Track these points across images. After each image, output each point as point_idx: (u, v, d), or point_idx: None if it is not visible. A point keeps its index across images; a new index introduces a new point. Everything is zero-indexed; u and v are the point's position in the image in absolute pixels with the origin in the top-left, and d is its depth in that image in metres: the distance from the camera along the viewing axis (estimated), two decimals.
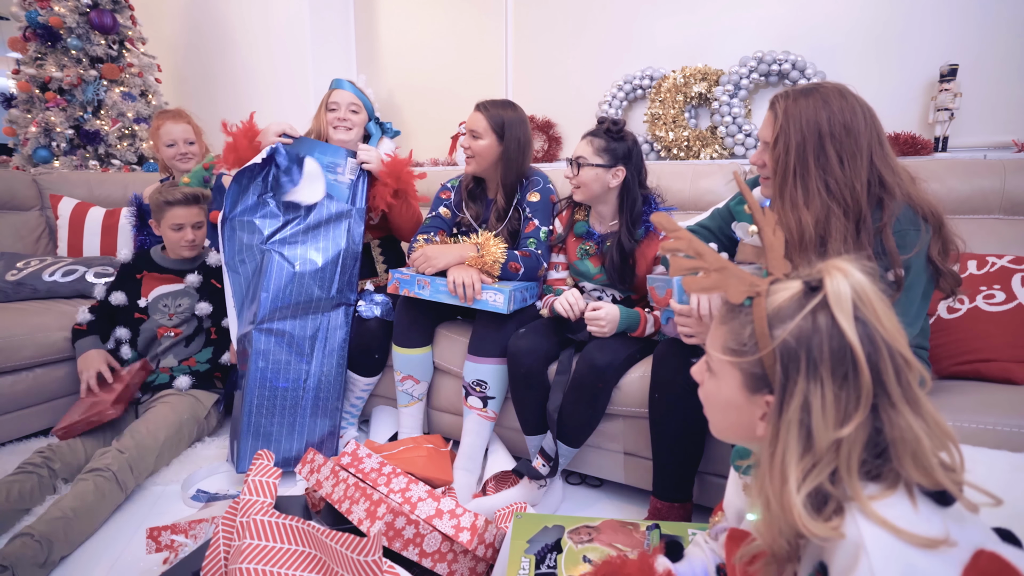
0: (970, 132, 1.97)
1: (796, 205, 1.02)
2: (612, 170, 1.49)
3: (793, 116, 1.02)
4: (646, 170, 1.57)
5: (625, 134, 1.51)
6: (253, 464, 1.15)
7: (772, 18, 2.28)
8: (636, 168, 1.51)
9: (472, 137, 1.70)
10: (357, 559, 0.86)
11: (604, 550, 1.01)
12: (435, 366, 1.76)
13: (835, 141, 1.00)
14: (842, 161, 1.00)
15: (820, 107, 1.01)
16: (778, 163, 1.05)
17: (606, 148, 1.49)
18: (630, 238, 1.51)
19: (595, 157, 1.49)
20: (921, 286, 1.04)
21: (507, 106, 1.72)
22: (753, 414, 0.60)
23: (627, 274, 1.53)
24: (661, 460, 1.31)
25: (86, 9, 3.04)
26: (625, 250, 1.51)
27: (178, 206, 1.77)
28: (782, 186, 1.05)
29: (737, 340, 0.60)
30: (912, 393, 0.53)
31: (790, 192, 1.03)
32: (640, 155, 1.53)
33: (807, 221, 1.00)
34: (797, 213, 1.02)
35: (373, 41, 3.44)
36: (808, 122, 1.01)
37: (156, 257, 1.85)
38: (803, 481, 0.52)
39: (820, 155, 1.01)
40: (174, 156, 2.05)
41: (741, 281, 0.60)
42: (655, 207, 1.54)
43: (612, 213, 1.56)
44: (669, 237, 0.69)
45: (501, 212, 1.76)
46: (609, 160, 1.48)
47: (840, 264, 0.55)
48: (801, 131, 1.01)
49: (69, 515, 1.26)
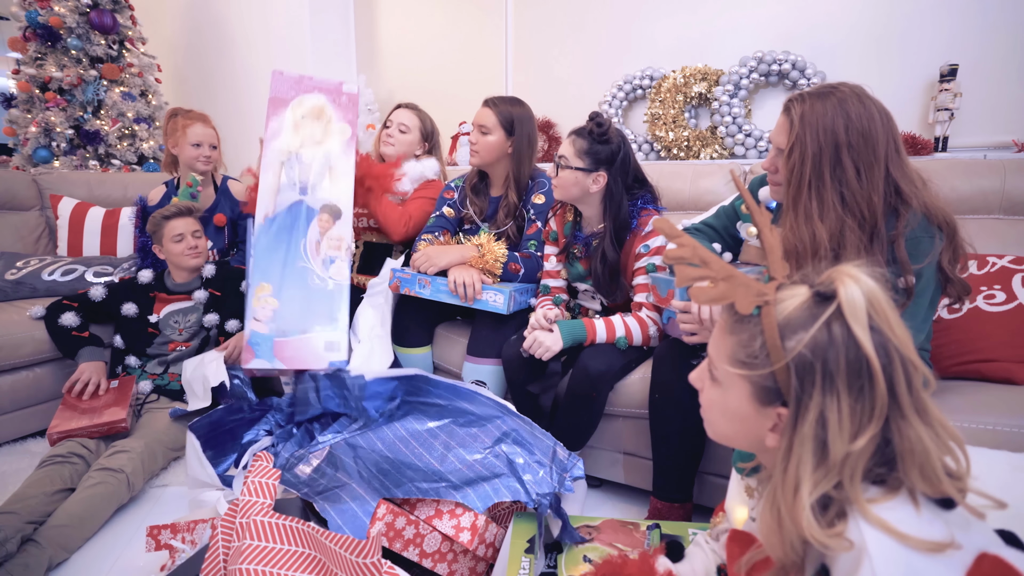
0: (970, 132, 1.97)
1: (810, 217, 0.99)
2: (592, 175, 1.39)
3: (810, 123, 0.98)
4: (640, 170, 1.47)
5: (610, 136, 1.39)
6: (252, 465, 1.15)
7: (772, 18, 2.28)
8: (622, 172, 1.41)
9: (480, 133, 1.70)
10: (357, 560, 0.86)
11: (604, 550, 1.01)
12: (435, 366, 1.76)
13: (852, 151, 0.96)
14: (859, 172, 0.97)
15: (837, 114, 0.97)
16: (792, 173, 1.01)
17: (588, 151, 1.39)
18: (614, 248, 1.43)
19: (575, 159, 1.40)
20: (929, 294, 1.02)
21: (516, 103, 1.73)
22: (762, 426, 0.58)
23: (614, 284, 1.46)
24: (661, 460, 1.30)
25: (86, 9, 3.04)
26: (609, 260, 1.43)
27: (175, 219, 1.81)
28: (796, 197, 1.01)
29: (747, 352, 0.57)
30: (921, 401, 0.52)
31: (804, 204, 0.99)
32: (628, 157, 1.41)
33: (821, 235, 0.97)
34: (811, 226, 0.98)
35: (373, 41, 3.44)
36: (825, 130, 0.97)
37: (168, 283, 1.88)
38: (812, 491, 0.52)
39: (836, 166, 0.97)
40: (198, 157, 2.05)
41: (749, 290, 0.58)
42: (641, 206, 1.44)
43: (597, 217, 1.48)
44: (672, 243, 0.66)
45: (512, 208, 1.75)
46: (590, 164, 1.39)
47: (851, 271, 0.53)
48: (818, 140, 0.97)
49: (75, 523, 1.27)
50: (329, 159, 1.63)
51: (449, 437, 1.25)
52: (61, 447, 1.45)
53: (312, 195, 1.59)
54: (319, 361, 1.50)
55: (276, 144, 1.59)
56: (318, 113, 1.64)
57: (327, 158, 1.63)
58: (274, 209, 1.56)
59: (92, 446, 1.49)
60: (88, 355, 1.73)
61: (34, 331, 1.80)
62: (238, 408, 1.50)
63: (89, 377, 1.66)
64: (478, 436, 1.24)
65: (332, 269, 1.58)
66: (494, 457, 1.19)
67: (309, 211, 1.58)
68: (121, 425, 1.55)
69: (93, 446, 1.50)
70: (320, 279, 1.57)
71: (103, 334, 1.84)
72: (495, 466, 1.17)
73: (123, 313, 1.80)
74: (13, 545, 1.16)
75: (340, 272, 1.58)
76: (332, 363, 1.51)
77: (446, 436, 1.26)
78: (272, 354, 1.47)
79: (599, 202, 1.45)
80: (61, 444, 1.47)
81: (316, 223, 1.58)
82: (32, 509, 1.25)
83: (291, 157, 1.60)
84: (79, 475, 1.40)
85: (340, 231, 1.60)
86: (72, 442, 1.47)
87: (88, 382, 1.65)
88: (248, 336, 1.48)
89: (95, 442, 1.51)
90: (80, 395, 1.64)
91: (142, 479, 1.47)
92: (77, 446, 1.46)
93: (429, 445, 1.23)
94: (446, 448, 1.22)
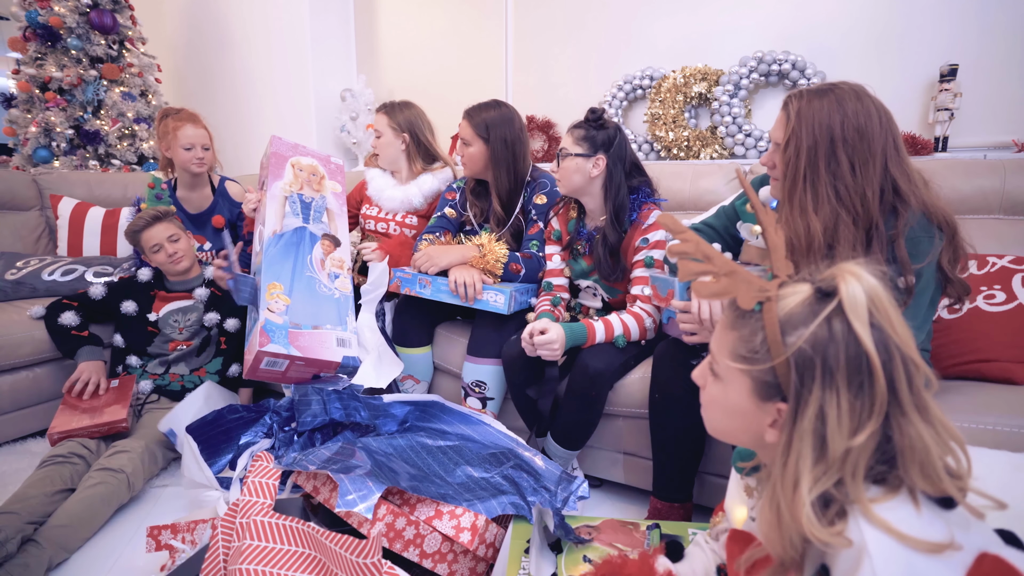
0: (970, 132, 1.97)
1: (805, 210, 1.00)
2: (592, 159, 1.44)
3: (806, 118, 1.00)
4: (637, 162, 1.50)
5: (606, 122, 1.45)
6: (253, 465, 1.15)
7: (772, 18, 2.27)
8: (619, 156, 1.44)
9: (463, 145, 1.71)
10: (357, 560, 0.86)
11: (604, 550, 1.01)
12: (435, 366, 1.76)
13: (848, 146, 0.97)
14: (854, 167, 0.98)
15: (834, 110, 0.98)
16: (788, 166, 1.02)
17: (585, 136, 1.44)
18: (615, 230, 1.46)
19: (574, 146, 1.45)
20: (929, 293, 1.03)
21: (491, 107, 1.70)
22: (762, 421, 0.59)
23: (616, 268, 1.49)
24: (661, 460, 1.30)
25: (86, 9, 3.04)
26: (610, 242, 1.46)
27: (145, 230, 1.79)
28: (791, 190, 1.02)
29: (747, 347, 0.58)
30: (921, 399, 0.53)
31: (799, 197, 1.01)
32: (624, 143, 1.46)
33: (816, 228, 0.98)
34: (806, 219, 0.99)
35: (373, 42, 3.44)
36: (821, 125, 0.98)
37: (167, 281, 1.87)
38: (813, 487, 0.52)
39: (831, 160, 0.98)
40: (190, 159, 2.04)
41: (751, 286, 0.59)
42: (644, 198, 1.48)
43: (599, 208, 1.51)
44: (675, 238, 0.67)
45: (500, 218, 1.75)
46: (588, 149, 1.43)
47: (852, 268, 0.54)
48: (813, 134, 0.99)
49: (76, 523, 1.27)
50: (326, 203, 1.81)
51: (458, 455, 1.26)
52: (61, 447, 1.45)
53: (314, 225, 1.73)
54: (333, 354, 1.53)
55: (280, 183, 1.73)
56: (313, 170, 1.83)
57: (324, 201, 1.80)
58: (281, 229, 1.66)
59: (92, 446, 1.49)
60: (87, 355, 1.72)
61: (34, 331, 1.80)
62: (235, 408, 1.50)
63: (89, 377, 1.66)
64: (487, 459, 1.25)
65: (337, 282, 1.67)
66: (501, 478, 1.20)
67: (312, 236, 1.71)
68: (121, 425, 1.55)
69: (93, 446, 1.50)
70: (327, 288, 1.64)
71: (103, 334, 1.84)
72: (502, 485, 1.18)
73: (123, 311, 1.79)
74: (13, 545, 1.16)
75: (344, 285, 1.69)
76: (345, 358, 1.54)
77: (455, 453, 1.26)
78: (287, 341, 1.48)
79: (600, 189, 1.48)
80: (61, 444, 1.47)
81: (319, 246, 1.70)
82: (32, 509, 1.25)
83: (293, 194, 1.74)
84: (79, 475, 1.40)
85: (341, 254, 1.73)
86: (72, 442, 1.47)
87: (88, 382, 1.65)
88: (263, 323, 1.49)
89: (95, 442, 1.51)
90: (80, 395, 1.64)
91: (142, 479, 1.47)
92: (77, 446, 1.46)
93: (438, 458, 1.24)
94: (455, 464, 1.23)
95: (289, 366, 1.50)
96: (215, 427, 1.46)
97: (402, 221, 1.94)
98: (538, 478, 1.21)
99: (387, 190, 1.94)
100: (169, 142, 2.03)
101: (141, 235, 1.79)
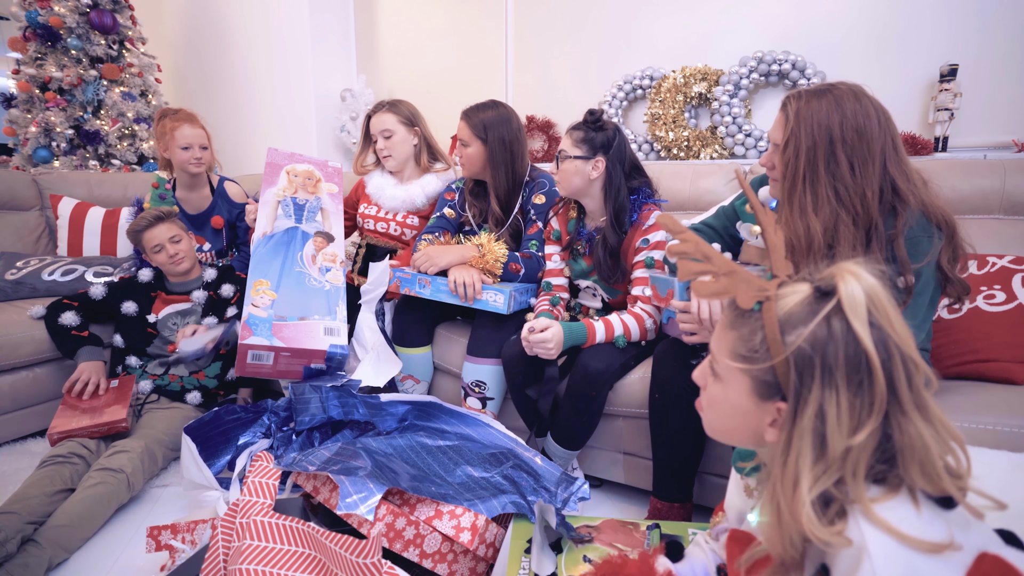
0: (970, 132, 1.97)
1: (804, 211, 1.00)
2: (592, 161, 1.43)
3: (804, 119, 1.00)
4: (637, 163, 1.50)
5: (605, 123, 1.44)
6: (252, 465, 1.15)
7: (772, 18, 2.27)
8: (618, 158, 1.44)
9: (462, 146, 1.71)
10: (357, 560, 0.86)
11: (604, 550, 1.01)
12: (435, 366, 1.76)
13: (847, 147, 0.97)
14: (853, 168, 0.98)
15: (833, 110, 0.98)
16: (787, 167, 1.02)
17: (584, 139, 1.44)
18: (615, 231, 1.46)
19: (574, 149, 1.44)
20: (929, 293, 1.03)
21: (488, 107, 1.69)
22: (762, 420, 0.59)
23: (616, 271, 1.49)
24: (661, 460, 1.30)
25: (86, 9, 3.04)
26: (610, 245, 1.46)
27: (147, 230, 1.79)
28: (791, 191, 1.02)
29: (747, 346, 0.58)
30: (921, 398, 0.53)
31: (799, 197, 1.01)
32: (623, 144, 1.46)
33: (815, 228, 0.98)
34: (806, 219, 1.00)
35: (373, 41, 3.44)
36: (820, 126, 0.98)
37: (167, 283, 1.88)
38: (812, 486, 0.52)
39: (831, 161, 0.98)
40: (188, 160, 2.03)
41: (750, 286, 0.59)
42: (644, 199, 1.47)
43: (600, 209, 1.51)
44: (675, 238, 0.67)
45: (499, 218, 1.75)
46: (587, 151, 1.43)
47: (851, 267, 0.54)
48: (812, 135, 0.99)
49: (76, 523, 1.27)
50: (321, 203, 1.83)
51: (458, 455, 1.26)
52: (61, 447, 1.45)
53: (307, 225, 1.77)
54: (319, 342, 1.53)
55: (273, 189, 1.77)
56: (308, 174, 1.87)
57: (319, 202, 1.83)
58: (272, 230, 1.69)
59: (92, 446, 1.49)
60: (87, 355, 1.72)
61: (34, 331, 1.80)
62: (232, 409, 1.50)
63: (88, 377, 1.66)
64: (486, 460, 1.25)
65: (328, 275, 1.68)
66: (501, 477, 1.20)
67: (304, 234, 1.74)
68: (121, 425, 1.55)
69: (93, 446, 1.50)
70: (317, 281, 1.65)
71: (103, 334, 1.84)
72: (502, 484, 1.18)
73: (123, 312, 1.80)
74: (13, 545, 1.16)
75: (336, 277, 1.68)
76: (332, 346, 1.53)
77: (455, 453, 1.26)
78: (270, 333, 1.48)
79: (600, 191, 1.47)
80: (61, 444, 1.47)
81: (311, 243, 1.72)
82: (32, 509, 1.25)
83: (286, 198, 1.78)
84: (79, 475, 1.40)
85: (334, 249, 1.74)
86: (72, 442, 1.47)
87: (88, 382, 1.65)
88: (246, 318, 1.49)
89: (95, 442, 1.51)
90: (80, 395, 1.64)
91: (142, 479, 1.47)
92: (77, 446, 1.46)
93: (438, 458, 1.24)
94: (455, 464, 1.23)
95: (276, 359, 1.50)
96: (213, 428, 1.46)
97: (403, 221, 1.94)
98: (538, 478, 1.21)
99: (388, 189, 1.93)
100: (167, 142, 2.02)
101: (143, 235, 1.79)
